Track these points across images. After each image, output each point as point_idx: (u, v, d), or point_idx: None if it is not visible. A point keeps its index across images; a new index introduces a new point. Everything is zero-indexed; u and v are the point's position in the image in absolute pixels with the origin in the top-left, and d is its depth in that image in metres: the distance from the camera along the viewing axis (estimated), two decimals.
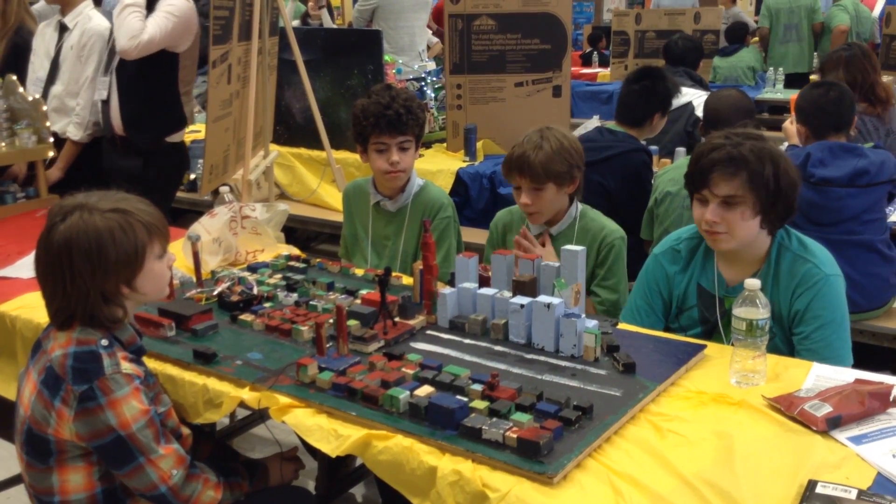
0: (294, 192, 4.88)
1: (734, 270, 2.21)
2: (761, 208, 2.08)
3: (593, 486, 1.51)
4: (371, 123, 2.66)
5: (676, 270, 2.29)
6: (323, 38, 4.82)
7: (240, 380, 1.92)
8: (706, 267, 2.25)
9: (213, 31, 3.41)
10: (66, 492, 1.80)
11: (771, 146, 2.12)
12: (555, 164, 2.49)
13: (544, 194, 2.52)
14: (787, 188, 2.09)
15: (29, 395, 1.80)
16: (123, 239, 1.78)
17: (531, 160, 2.48)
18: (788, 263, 2.15)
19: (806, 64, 7.95)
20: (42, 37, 4.03)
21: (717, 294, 2.21)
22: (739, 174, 2.07)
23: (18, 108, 3.66)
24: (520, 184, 2.54)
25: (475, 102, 4.69)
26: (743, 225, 2.10)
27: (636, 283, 2.37)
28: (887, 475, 1.52)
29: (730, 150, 2.09)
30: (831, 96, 3.15)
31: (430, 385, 1.80)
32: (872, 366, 2.10)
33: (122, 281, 1.80)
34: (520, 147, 2.53)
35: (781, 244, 2.17)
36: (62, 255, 1.75)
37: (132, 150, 3.74)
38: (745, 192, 2.07)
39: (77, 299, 1.77)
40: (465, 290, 2.16)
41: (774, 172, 2.07)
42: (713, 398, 1.80)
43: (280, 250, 2.83)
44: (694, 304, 2.26)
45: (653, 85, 3.60)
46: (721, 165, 2.09)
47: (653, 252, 2.37)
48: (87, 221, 1.76)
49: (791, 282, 2.13)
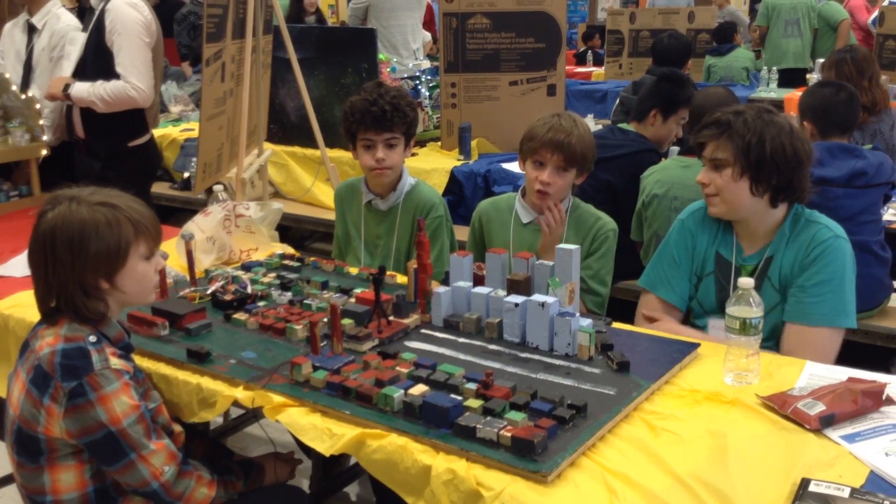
0: (288, 191, 4.87)
1: (749, 241, 2.26)
2: (749, 174, 2.13)
3: (587, 484, 1.51)
4: (357, 119, 2.66)
5: (699, 235, 2.34)
6: (317, 36, 4.82)
7: (234, 379, 1.91)
8: (726, 236, 2.30)
9: (207, 29, 3.40)
10: (57, 491, 1.79)
11: (778, 120, 2.16)
12: (589, 150, 2.54)
13: (566, 176, 2.54)
14: (776, 156, 2.11)
15: (18, 395, 1.80)
16: (107, 233, 1.78)
17: (571, 140, 2.48)
18: (800, 230, 2.20)
19: (804, 60, 7.96)
20: (11, 38, 3.92)
21: (734, 263, 2.26)
22: (723, 137, 2.16)
23: (11, 106, 3.65)
24: (547, 161, 2.52)
25: (470, 101, 4.69)
26: (729, 188, 2.16)
27: (659, 252, 2.41)
28: (880, 473, 1.53)
29: (720, 116, 2.19)
30: (841, 97, 3.16)
31: (425, 384, 1.80)
32: (865, 364, 2.11)
33: (102, 275, 1.80)
34: (550, 125, 2.51)
35: (797, 214, 2.22)
36: (46, 243, 1.77)
37: (93, 154, 3.68)
38: (729, 155, 2.15)
39: (57, 289, 1.78)
40: (460, 289, 2.16)
41: (760, 139, 2.11)
42: (707, 397, 1.80)
43: (274, 249, 2.83)
44: (712, 270, 2.31)
45: (660, 84, 3.62)
46: (708, 128, 2.20)
47: (679, 218, 2.41)
48: (73, 211, 1.77)
49: (802, 247, 2.18)
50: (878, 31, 6.95)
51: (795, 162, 2.14)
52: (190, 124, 5.62)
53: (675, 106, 3.58)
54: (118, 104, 3.49)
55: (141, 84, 3.46)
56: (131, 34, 3.42)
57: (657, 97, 3.59)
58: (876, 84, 4.02)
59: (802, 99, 3.33)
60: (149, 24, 3.51)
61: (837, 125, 3.15)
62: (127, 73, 3.43)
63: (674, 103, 3.57)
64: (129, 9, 3.46)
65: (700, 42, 7.70)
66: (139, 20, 3.47)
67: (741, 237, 2.28)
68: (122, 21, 3.41)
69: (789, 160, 2.12)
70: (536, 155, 2.54)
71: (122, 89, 3.46)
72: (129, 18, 3.42)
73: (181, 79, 6.45)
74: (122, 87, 3.46)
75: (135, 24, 3.44)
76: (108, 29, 3.42)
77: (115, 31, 3.41)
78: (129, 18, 3.43)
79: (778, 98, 6.72)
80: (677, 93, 3.58)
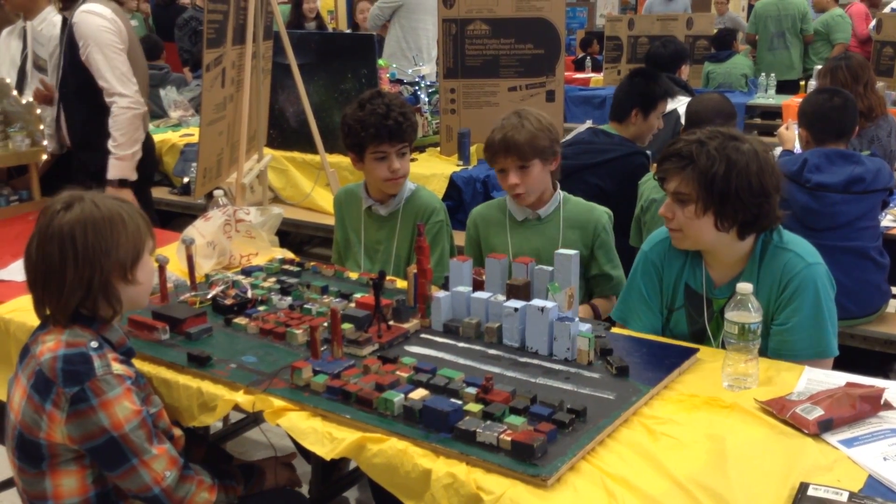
0: (288, 196, 4.88)
1: (719, 271, 2.17)
2: (713, 209, 2.02)
3: (587, 488, 1.52)
4: (371, 134, 2.66)
5: (666, 268, 2.25)
6: (317, 42, 4.83)
7: (234, 383, 1.92)
8: (694, 267, 2.20)
9: (208, 35, 3.41)
10: (59, 496, 1.79)
11: (742, 148, 2.03)
12: (539, 140, 2.54)
13: (531, 171, 2.57)
14: (741, 193, 2.00)
15: (19, 401, 1.80)
16: (131, 226, 1.82)
17: (516, 139, 2.53)
18: (770, 258, 2.11)
19: (795, 71, 7.95)
20: (7, 45, 3.88)
21: (704, 294, 2.19)
22: (686, 170, 2.04)
23: (12, 110, 3.66)
24: (505, 165, 2.58)
25: (469, 107, 4.70)
26: (693, 225, 2.07)
27: (628, 285, 2.34)
28: (878, 478, 1.53)
29: (683, 147, 2.06)
30: (835, 103, 3.17)
31: (425, 388, 1.81)
32: (863, 370, 2.11)
33: (127, 268, 1.82)
34: (500, 130, 2.58)
35: (765, 241, 2.12)
36: (75, 239, 1.75)
37: (84, 167, 3.60)
38: (692, 190, 2.03)
39: (89, 284, 1.77)
40: (459, 294, 2.17)
41: (725, 174, 1.99)
42: (706, 401, 1.81)
43: (274, 254, 2.83)
44: (682, 304, 2.23)
45: (634, 81, 3.65)
46: (671, 161, 2.08)
47: (642, 249, 2.31)
48: (99, 205, 1.79)
49: (775, 276, 2.08)
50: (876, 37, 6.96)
51: (762, 196, 2.02)
52: (189, 129, 5.63)
53: (654, 101, 3.62)
54: (131, 127, 3.38)
55: (126, 91, 3.36)
56: (103, 45, 3.31)
57: (635, 96, 3.62)
58: (871, 90, 4.03)
59: (800, 106, 3.36)
60: (119, 29, 3.38)
61: (832, 131, 3.16)
62: (110, 85, 3.34)
63: (652, 99, 3.61)
64: (94, 18, 3.33)
65: (698, 48, 7.72)
66: (106, 28, 3.34)
67: (710, 266, 2.18)
68: (91, 34, 3.30)
69: (755, 195, 2.01)
70: (495, 164, 2.63)
71: (120, 115, 3.35)
72: (96, 29, 3.31)
73: (182, 84, 6.45)
74: (118, 114, 3.35)
75: (103, 33, 3.32)
76: (81, 45, 3.33)
77: (88, 46, 3.31)
78: (97, 29, 3.31)
79: (776, 104, 6.74)
80: (653, 88, 3.62)
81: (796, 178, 3.10)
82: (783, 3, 7.96)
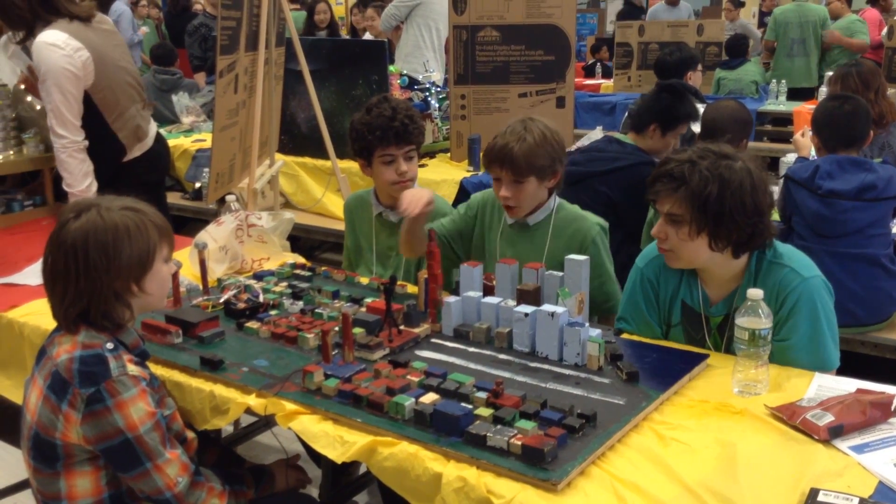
0: (299, 201, 4.90)
1: (714, 288, 2.13)
2: (707, 230, 1.98)
3: (597, 493, 1.52)
4: (378, 137, 2.67)
5: (661, 284, 2.21)
6: (329, 48, 4.86)
7: (246, 386, 1.93)
8: (690, 284, 2.16)
9: (221, 41, 3.44)
10: (73, 497, 1.81)
11: (734, 166, 1.99)
12: (537, 158, 2.40)
13: (525, 187, 2.45)
14: (735, 214, 1.96)
15: (35, 401, 1.82)
16: (138, 237, 1.82)
17: (513, 152, 2.39)
18: (765, 274, 2.06)
19: (812, 79, 7.91)
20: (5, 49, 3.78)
21: (701, 312, 2.16)
22: (679, 192, 1.99)
23: (26, 116, 3.69)
24: (500, 176, 2.46)
25: (479, 113, 4.72)
26: (685, 245, 2.02)
27: (625, 297, 2.29)
28: (889, 484, 1.53)
29: (674, 167, 2.00)
30: (845, 110, 3.16)
31: (435, 392, 1.82)
32: (874, 376, 2.11)
33: (133, 279, 1.83)
34: (502, 138, 2.45)
35: (760, 256, 2.08)
36: (77, 251, 1.77)
37: None
38: (685, 212, 1.98)
39: (89, 296, 1.79)
40: (470, 299, 2.18)
41: (720, 193, 1.95)
42: (716, 407, 1.81)
43: (286, 258, 2.85)
44: (679, 321, 2.20)
45: (661, 97, 3.55)
46: (661, 182, 2.02)
47: (636, 265, 2.26)
48: (104, 217, 1.80)
49: (771, 293, 2.03)
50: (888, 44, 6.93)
51: (757, 216, 1.98)
52: (202, 135, 5.66)
53: (675, 122, 3.50)
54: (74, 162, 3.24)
55: (63, 132, 3.20)
56: (59, 83, 3.15)
57: (657, 112, 3.51)
58: (882, 97, 4.02)
59: (813, 112, 3.35)
60: (75, 59, 3.15)
61: (842, 138, 3.15)
62: (51, 125, 3.22)
63: (674, 119, 3.49)
64: (51, 52, 3.12)
65: (709, 55, 7.71)
66: (62, 64, 3.14)
67: (706, 283, 2.14)
68: (49, 70, 3.14)
69: (750, 214, 1.97)
70: (490, 171, 2.52)
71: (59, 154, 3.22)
72: (53, 65, 3.13)
73: (194, 90, 6.49)
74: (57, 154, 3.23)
75: (57, 68, 3.14)
76: (40, 76, 3.19)
77: (46, 80, 3.17)
78: (54, 65, 3.13)
79: (787, 111, 6.73)
80: (678, 108, 3.50)
81: (808, 184, 3.10)
82: (803, 10, 7.93)
